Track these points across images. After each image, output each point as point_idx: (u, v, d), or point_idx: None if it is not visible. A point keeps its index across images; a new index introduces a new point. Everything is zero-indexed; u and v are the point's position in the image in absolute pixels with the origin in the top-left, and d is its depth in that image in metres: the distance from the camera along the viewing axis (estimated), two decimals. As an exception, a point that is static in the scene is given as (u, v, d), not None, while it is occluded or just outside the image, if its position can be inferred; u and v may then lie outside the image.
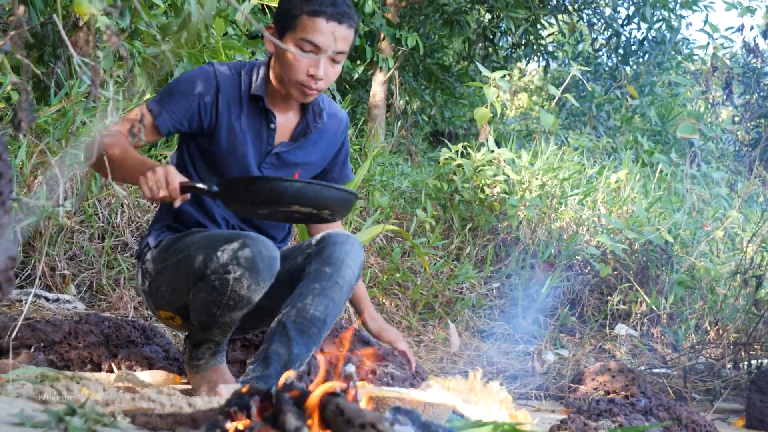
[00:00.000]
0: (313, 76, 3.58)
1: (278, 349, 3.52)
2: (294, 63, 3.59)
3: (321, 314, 3.58)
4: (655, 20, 14.05)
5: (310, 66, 3.58)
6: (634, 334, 6.75)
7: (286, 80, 3.64)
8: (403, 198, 7.99)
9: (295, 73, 3.60)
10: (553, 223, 7.70)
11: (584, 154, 9.57)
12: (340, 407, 1.95)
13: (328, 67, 3.62)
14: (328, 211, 3.36)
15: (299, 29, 3.55)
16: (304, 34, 3.54)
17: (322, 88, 3.66)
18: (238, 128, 3.72)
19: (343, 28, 3.56)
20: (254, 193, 3.29)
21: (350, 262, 3.68)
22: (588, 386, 4.88)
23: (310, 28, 3.53)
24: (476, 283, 7.15)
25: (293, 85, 3.63)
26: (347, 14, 3.56)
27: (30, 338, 3.95)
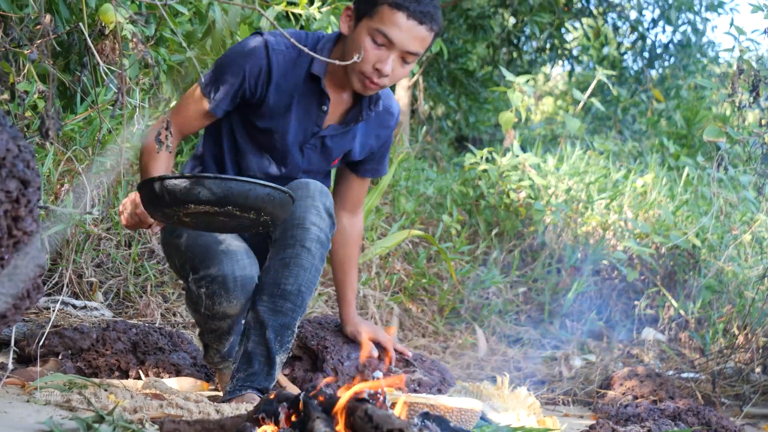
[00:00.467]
0: (378, 70, 3.44)
1: (256, 340, 3.45)
2: (362, 52, 3.41)
3: (292, 286, 3.44)
4: (680, 23, 13.99)
5: (378, 59, 3.42)
6: (661, 338, 6.71)
7: (349, 67, 3.48)
8: (429, 203, 7.98)
9: (362, 63, 3.43)
10: (579, 227, 7.68)
11: (610, 158, 9.54)
12: (369, 413, 1.95)
13: (396, 65, 3.46)
14: (254, 212, 2.99)
15: (377, 18, 3.39)
16: (380, 25, 3.37)
17: (385, 84, 3.51)
18: (284, 104, 3.58)
19: (423, 29, 3.40)
20: (153, 196, 2.98)
21: (313, 219, 3.46)
22: (616, 391, 4.86)
23: (388, 20, 3.37)
24: (503, 288, 7.13)
25: (356, 74, 3.48)
26: (430, 15, 3.41)
27: (58, 346, 3.97)
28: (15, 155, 1.79)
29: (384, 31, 3.36)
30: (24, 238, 1.85)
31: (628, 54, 15.00)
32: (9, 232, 1.81)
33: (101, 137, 5.07)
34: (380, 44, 3.39)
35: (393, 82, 3.53)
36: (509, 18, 14.23)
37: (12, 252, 1.84)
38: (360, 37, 3.42)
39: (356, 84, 3.50)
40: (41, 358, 3.87)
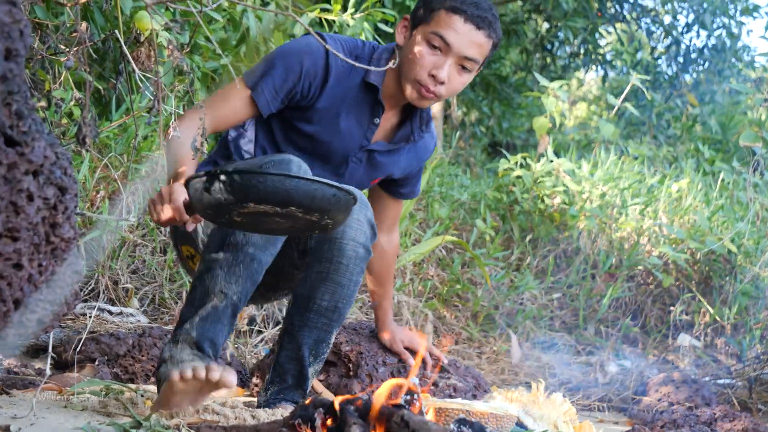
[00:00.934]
0: (434, 77, 3.30)
1: (289, 355, 3.36)
2: (417, 58, 3.31)
3: (329, 303, 3.32)
4: (715, 27, 13.91)
5: (434, 65, 3.30)
6: (697, 344, 6.67)
7: (404, 75, 3.35)
8: (463, 209, 7.96)
9: (417, 69, 3.31)
10: (613, 233, 7.65)
11: (644, 163, 9.49)
12: (405, 419, 1.94)
13: (453, 72, 3.32)
14: (317, 214, 2.74)
15: (433, 22, 3.28)
16: (437, 28, 3.27)
17: (442, 94, 3.35)
18: (334, 111, 3.42)
19: (480, 35, 3.28)
20: (208, 191, 2.73)
21: (353, 233, 3.30)
22: (651, 397, 4.84)
23: (444, 23, 3.26)
24: (537, 293, 7.11)
25: (411, 82, 3.34)
26: (488, 21, 3.29)
27: (94, 352, 3.99)
28: (53, 162, 1.80)
29: (441, 33, 3.26)
30: (62, 245, 1.87)
31: (663, 58, 14.94)
32: (47, 238, 1.83)
33: (136, 144, 5.10)
34: (437, 47, 3.28)
35: (450, 92, 3.39)
36: (543, 23, 14.21)
37: (50, 259, 1.85)
38: (416, 44, 3.32)
39: (411, 94, 3.37)
40: (78, 364, 3.90)
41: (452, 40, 3.26)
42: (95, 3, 4.93)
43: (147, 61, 2.77)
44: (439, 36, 3.26)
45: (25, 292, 1.80)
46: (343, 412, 2.09)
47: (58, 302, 1.94)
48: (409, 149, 3.65)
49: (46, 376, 3.06)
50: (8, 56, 1.63)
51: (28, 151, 1.73)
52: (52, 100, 2.80)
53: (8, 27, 1.62)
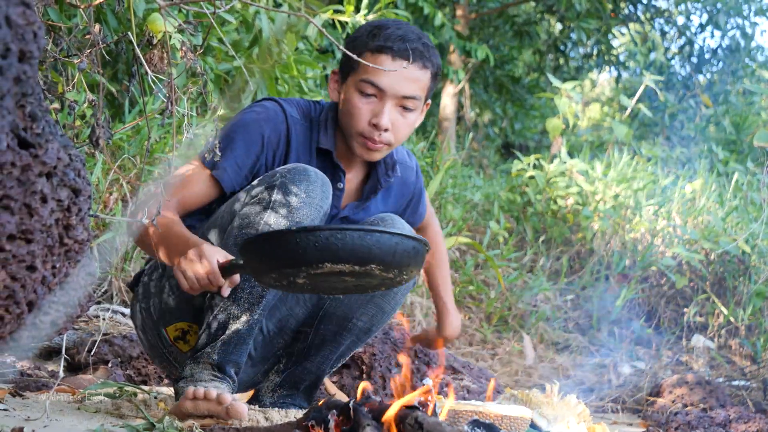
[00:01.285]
0: (376, 126, 3.04)
1: (309, 368, 3.31)
2: (353, 110, 3.06)
3: (364, 324, 3.27)
4: (729, 28, 13.90)
5: (373, 114, 3.05)
6: (711, 345, 6.66)
7: (347, 132, 3.11)
8: (476, 210, 7.96)
9: (356, 122, 3.06)
10: (627, 234, 7.64)
11: (658, 164, 9.48)
12: (419, 420, 1.94)
13: (395, 116, 3.06)
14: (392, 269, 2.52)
15: (361, 69, 3.03)
16: (365, 74, 3.02)
17: (390, 141, 3.10)
18: None
19: (414, 69, 3.03)
20: (272, 253, 2.52)
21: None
22: (665, 399, 4.83)
23: (372, 66, 2.98)
24: (550, 295, 7.10)
25: (355, 137, 3.09)
26: (419, 52, 3.04)
27: (108, 354, 3.99)
28: (66, 164, 1.80)
29: (370, 79, 3.02)
30: (75, 247, 1.87)
31: (676, 59, 14.94)
32: (60, 240, 1.83)
33: (149, 146, 5.11)
34: (370, 95, 3.04)
35: (400, 138, 3.13)
36: (556, 24, 14.22)
37: (63, 261, 1.85)
38: (349, 96, 3.07)
39: (358, 149, 3.11)
40: (91, 366, 3.90)
41: (384, 84, 3.02)
42: (108, 5, 4.94)
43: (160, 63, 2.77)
44: (369, 82, 3.03)
45: (38, 294, 1.81)
46: (357, 414, 2.08)
47: (72, 304, 1.94)
48: (384, 195, 3.40)
49: (59, 378, 3.06)
50: (22, 58, 1.63)
51: (42, 153, 1.73)
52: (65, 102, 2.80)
53: (22, 29, 1.62)
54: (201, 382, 2.87)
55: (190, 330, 3.13)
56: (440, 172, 6.95)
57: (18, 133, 1.68)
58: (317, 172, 2.95)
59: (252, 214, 2.88)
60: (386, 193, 3.40)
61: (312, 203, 2.88)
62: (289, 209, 2.85)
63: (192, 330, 3.12)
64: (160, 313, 3.13)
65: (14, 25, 1.60)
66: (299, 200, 2.86)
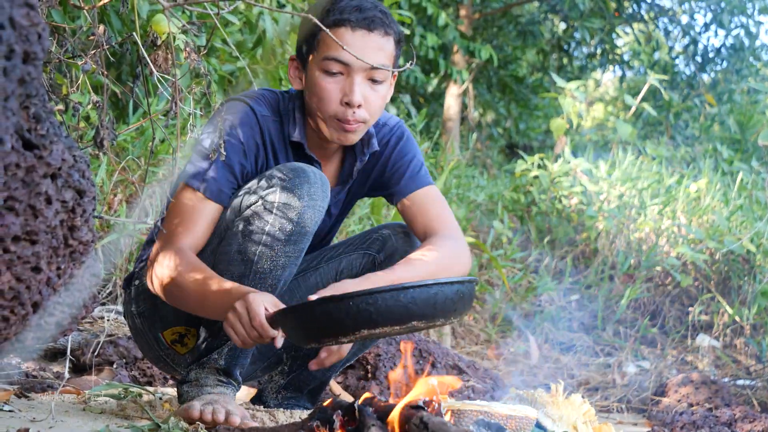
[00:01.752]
0: (348, 104, 2.91)
1: (317, 374, 3.29)
2: (321, 92, 2.93)
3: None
4: (733, 27, 13.89)
5: (343, 92, 2.91)
6: (716, 345, 6.65)
7: (320, 119, 2.97)
8: (480, 210, 7.96)
9: (326, 104, 2.92)
10: (632, 233, 7.63)
11: (662, 163, 9.47)
12: (424, 420, 1.93)
13: (366, 90, 2.93)
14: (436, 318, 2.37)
15: (321, 47, 2.91)
16: (327, 52, 2.89)
17: (365, 118, 2.96)
18: None
19: (376, 37, 2.89)
20: (303, 326, 2.42)
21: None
22: (671, 398, 4.82)
23: (333, 42, 2.84)
24: (555, 295, 7.10)
25: (327, 121, 2.96)
26: (379, 20, 2.90)
27: (113, 355, 4.00)
28: (70, 165, 1.80)
29: (333, 56, 2.88)
30: (80, 248, 1.87)
31: (680, 58, 14.92)
32: (65, 241, 1.83)
33: (154, 147, 5.11)
34: (336, 73, 2.91)
35: (373, 113, 2.99)
36: (559, 24, 14.21)
37: (68, 262, 1.85)
38: (314, 79, 2.94)
39: (334, 134, 2.98)
40: (96, 367, 3.90)
41: (349, 58, 2.86)
42: (112, 6, 4.94)
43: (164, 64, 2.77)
44: (333, 59, 2.89)
45: (43, 295, 1.81)
46: (362, 414, 2.08)
47: (77, 305, 1.94)
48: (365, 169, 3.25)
49: (64, 379, 3.07)
50: (26, 59, 1.63)
51: (47, 154, 1.73)
52: (69, 103, 2.80)
53: (26, 30, 1.62)
54: (206, 387, 2.85)
55: (188, 333, 3.08)
56: (444, 172, 6.95)
57: (22, 134, 1.68)
58: (315, 171, 2.88)
59: (254, 220, 2.83)
60: (370, 166, 3.25)
61: (315, 206, 2.83)
62: (293, 214, 2.80)
63: (189, 333, 3.08)
64: (155, 318, 3.08)
65: (18, 26, 1.60)
66: (302, 204, 2.80)
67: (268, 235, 2.81)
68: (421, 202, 3.23)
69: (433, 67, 12.06)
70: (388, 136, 3.26)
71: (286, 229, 2.80)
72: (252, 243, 2.82)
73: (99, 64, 2.70)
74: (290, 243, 2.83)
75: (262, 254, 2.83)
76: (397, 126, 3.30)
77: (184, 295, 2.79)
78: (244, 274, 2.84)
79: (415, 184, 3.25)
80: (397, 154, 3.26)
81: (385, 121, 3.28)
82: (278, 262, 2.84)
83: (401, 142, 3.28)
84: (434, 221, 3.20)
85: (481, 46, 11.45)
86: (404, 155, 3.27)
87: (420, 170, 3.29)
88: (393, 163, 3.25)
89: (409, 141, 3.31)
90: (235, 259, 2.84)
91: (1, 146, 1.52)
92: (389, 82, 3.03)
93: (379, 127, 3.25)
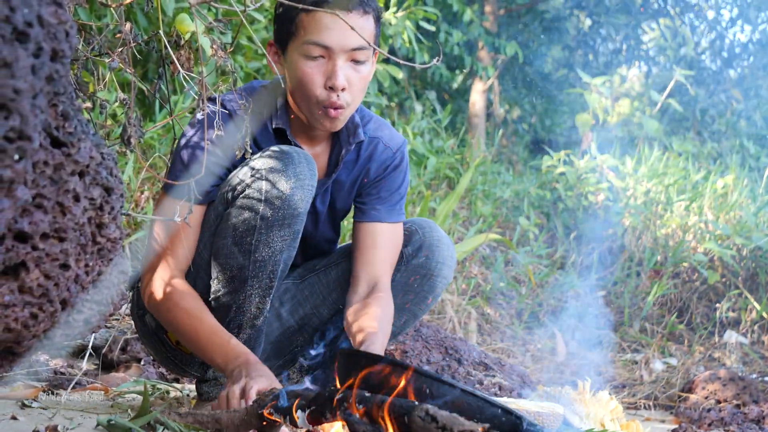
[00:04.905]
0: (332, 88, 2.83)
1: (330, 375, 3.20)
2: (304, 78, 2.84)
3: (396, 329, 3.23)
4: (759, 22, 13.81)
5: (326, 75, 2.83)
6: (744, 341, 6.62)
7: (304, 105, 2.90)
8: (506, 207, 7.95)
9: (310, 90, 2.85)
10: (658, 230, 7.60)
11: (689, 159, 9.43)
12: (431, 413, 1.86)
13: (350, 72, 2.85)
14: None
15: (300, 32, 2.81)
16: (306, 36, 2.79)
17: (349, 102, 2.89)
18: None
19: (355, 17, 2.79)
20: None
21: (446, 272, 3.18)
22: (698, 395, 4.80)
23: (311, 25, 2.78)
24: (582, 291, 7.08)
25: (312, 107, 2.88)
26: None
27: (140, 352, 4.01)
28: (98, 163, 1.81)
29: (313, 40, 2.79)
30: (108, 245, 1.87)
31: (706, 54, 14.85)
32: (93, 239, 1.83)
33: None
34: (317, 57, 2.82)
35: (356, 95, 2.93)
36: (585, 20, 14.17)
37: (96, 259, 1.86)
38: (295, 64, 2.86)
39: (321, 120, 2.91)
40: (124, 364, 3.92)
41: (330, 41, 2.80)
42: (138, 4, 4.96)
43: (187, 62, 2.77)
44: (313, 43, 2.80)
45: (71, 292, 1.81)
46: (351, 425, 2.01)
47: (105, 302, 1.95)
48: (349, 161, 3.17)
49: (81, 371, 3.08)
50: (54, 57, 1.64)
51: (74, 152, 1.73)
52: (96, 101, 2.81)
53: (54, 28, 1.62)
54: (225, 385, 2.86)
55: None
56: (470, 168, 6.93)
57: (50, 131, 1.69)
58: (298, 151, 2.85)
59: (244, 209, 2.83)
60: (352, 162, 3.17)
61: (303, 185, 2.81)
62: (282, 197, 2.78)
63: None
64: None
65: (46, 24, 1.61)
66: (289, 185, 2.79)
67: (260, 222, 2.80)
68: (380, 236, 3.19)
69: (459, 63, 12.05)
70: (390, 160, 3.21)
71: (277, 213, 2.79)
72: (246, 233, 2.83)
73: (126, 62, 2.71)
74: (284, 227, 2.82)
75: (258, 242, 2.83)
76: (400, 151, 3.25)
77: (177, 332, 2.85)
78: (243, 266, 2.85)
79: (389, 217, 3.21)
80: (389, 180, 3.22)
81: (389, 139, 3.23)
82: (275, 248, 2.84)
83: (397, 171, 3.23)
84: (381, 266, 3.17)
85: (506, 42, 11.43)
86: (393, 184, 3.23)
87: (398, 203, 3.24)
88: (382, 186, 3.21)
89: (405, 171, 3.27)
90: (233, 251, 2.85)
91: (30, 144, 1.53)
92: (371, 61, 2.95)
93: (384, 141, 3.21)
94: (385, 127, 3.24)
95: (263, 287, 2.89)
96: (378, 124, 3.22)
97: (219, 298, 2.94)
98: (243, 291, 2.89)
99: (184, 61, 2.77)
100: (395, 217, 3.21)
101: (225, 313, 2.94)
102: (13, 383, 3.18)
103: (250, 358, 2.70)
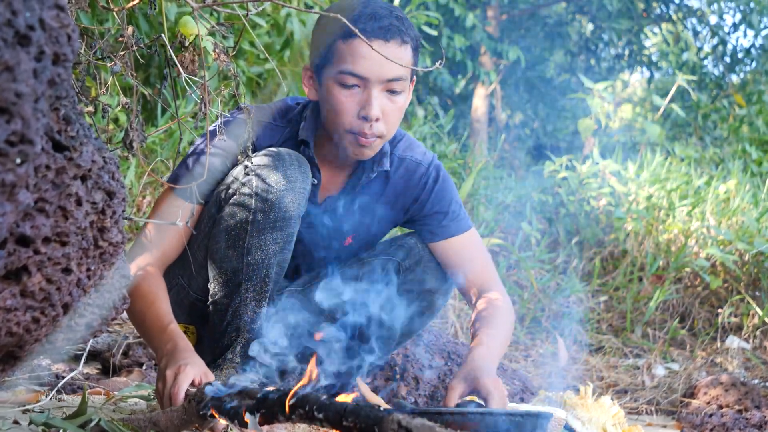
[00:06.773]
0: (366, 118, 2.80)
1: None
2: (338, 106, 2.82)
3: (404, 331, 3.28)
4: (762, 27, 13.82)
5: (360, 105, 2.81)
6: (746, 346, 6.61)
7: (334, 131, 2.89)
8: (508, 212, 7.94)
9: (342, 118, 2.83)
10: (660, 235, 7.59)
11: (691, 164, 9.42)
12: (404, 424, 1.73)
13: (384, 103, 2.82)
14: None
15: (335, 60, 2.80)
16: (342, 65, 2.77)
17: (383, 132, 2.87)
18: None
19: (393, 47, 2.76)
20: None
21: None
22: (700, 400, 4.80)
23: (347, 54, 2.76)
24: (584, 296, 7.07)
25: (344, 136, 2.87)
26: (395, 28, 2.78)
27: (142, 356, 4.01)
28: (100, 167, 1.81)
29: (349, 69, 2.77)
30: (110, 249, 1.87)
31: (709, 59, 14.86)
32: (95, 243, 1.83)
33: (182, 149, 5.13)
34: (352, 86, 2.80)
35: (391, 126, 2.90)
36: (587, 25, 14.18)
37: (98, 263, 1.86)
38: (329, 92, 2.85)
39: (350, 149, 2.90)
40: (126, 368, 3.91)
41: (365, 71, 2.78)
42: (140, 9, 4.96)
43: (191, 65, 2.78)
44: (349, 73, 2.78)
45: (73, 296, 1.81)
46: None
47: (107, 307, 1.95)
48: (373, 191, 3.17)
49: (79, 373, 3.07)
50: (56, 61, 1.64)
51: (77, 156, 1.73)
52: (98, 105, 2.81)
53: (56, 32, 1.62)
54: None
55: (187, 331, 3.13)
56: (472, 173, 6.93)
57: (52, 135, 1.69)
58: (290, 153, 2.87)
59: (237, 213, 2.85)
60: (379, 191, 3.17)
61: (294, 188, 2.83)
62: (273, 199, 2.80)
63: (188, 331, 3.13)
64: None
65: (48, 28, 1.61)
66: (280, 188, 2.81)
67: (252, 225, 2.82)
68: (461, 248, 3.23)
69: (461, 68, 12.06)
70: (426, 176, 3.21)
71: (268, 216, 2.82)
72: (238, 236, 2.85)
73: (128, 66, 2.71)
74: (276, 230, 2.84)
75: (250, 246, 2.84)
76: (434, 166, 3.24)
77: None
78: (237, 268, 2.87)
79: (456, 228, 3.23)
80: (436, 195, 3.22)
81: (420, 156, 3.23)
82: (268, 251, 2.85)
83: (439, 185, 3.23)
84: (482, 273, 3.24)
85: (508, 47, 11.44)
86: (444, 197, 3.23)
87: (459, 212, 3.25)
88: (434, 203, 3.21)
89: (449, 183, 3.27)
90: (227, 255, 2.87)
91: (32, 148, 1.53)
92: (407, 91, 2.93)
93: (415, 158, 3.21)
94: (415, 146, 3.23)
95: (258, 290, 2.91)
96: (408, 143, 3.21)
97: (216, 301, 2.97)
98: (238, 294, 2.91)
99: (188, 63, 2.78)
100: (465, 225, 3.25)
101: (222, 316, 2.96)
102: (15, 387, 3.18)
103: (179, 344, 2.66)
